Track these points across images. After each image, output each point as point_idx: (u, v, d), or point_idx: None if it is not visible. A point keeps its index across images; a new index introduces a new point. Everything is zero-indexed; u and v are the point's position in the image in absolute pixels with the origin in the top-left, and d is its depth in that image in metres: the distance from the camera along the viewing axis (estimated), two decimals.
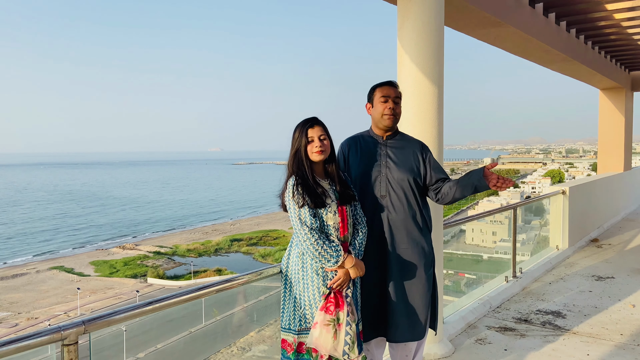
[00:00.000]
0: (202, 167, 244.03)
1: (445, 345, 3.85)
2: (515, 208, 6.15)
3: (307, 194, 2.41)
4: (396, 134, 2.88)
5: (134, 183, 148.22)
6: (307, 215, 2.39)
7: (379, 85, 2.83)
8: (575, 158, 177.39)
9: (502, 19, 5.07)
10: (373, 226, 2.71)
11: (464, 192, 2.70)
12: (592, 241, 8.07)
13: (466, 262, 6.71)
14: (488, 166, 2.60)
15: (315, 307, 2.41)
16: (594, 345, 4.00)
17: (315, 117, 2.54)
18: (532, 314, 4.74)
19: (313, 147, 2.46)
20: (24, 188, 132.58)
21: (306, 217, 2.39)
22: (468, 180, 2.67)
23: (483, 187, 2.62)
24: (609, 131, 10.86)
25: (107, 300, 43.98)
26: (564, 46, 6.92)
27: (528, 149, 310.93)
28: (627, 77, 10.67)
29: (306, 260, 2.45)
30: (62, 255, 61.55)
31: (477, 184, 2.63)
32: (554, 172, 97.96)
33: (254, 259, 58.61)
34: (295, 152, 2.48)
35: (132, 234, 73.40)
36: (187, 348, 10.86)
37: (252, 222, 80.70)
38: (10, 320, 39.85)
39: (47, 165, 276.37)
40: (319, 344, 2.34)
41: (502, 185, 2.53)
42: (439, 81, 3.62)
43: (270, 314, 3.35)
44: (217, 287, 2.54)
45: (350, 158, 2.84)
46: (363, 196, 2.74)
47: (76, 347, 1.91)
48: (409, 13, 3.59)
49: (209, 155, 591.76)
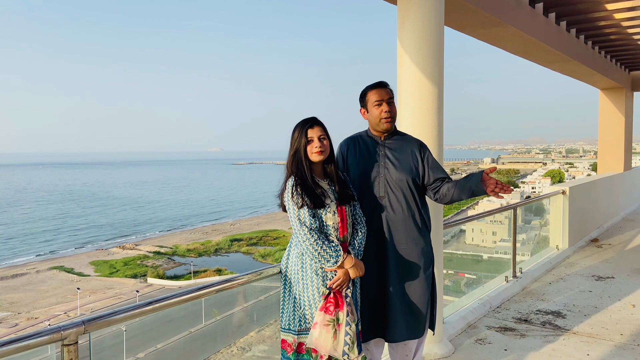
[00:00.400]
0: (202, 167, 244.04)
1: (445, 345, 3.85)
2: (515, 208, 6.15)
3: (306, 195, 2.41)
4: (395, 133, 2.87)
5: (134, 183, 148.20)
6: (306, 215, 2.39)
7: (369, 89, 2.80)
8: (575, 158, 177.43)
9: (502, 19, 5.07)
10: (372, 226, 2.71)
11: (461, 196, 2.67)
12: (592, 241, 8.07)
13: (466, 262, 6.71)
14: (487, 170, 2.57)
15: (314, 308, 2.41)
16: (594, 345, 4.00)
17: (314, 117, 2.54)
18: (532, 314, 4.74)
19: (313, 148, 2.46)
20: (23, 188, 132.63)
21: (305, 218, 2.39)
22: (466, 184, 2.64)
23: (480, 192, 2.58)
24: (609, 131, 10.85)
25: (107, 300, 43.98)
26: (564, 46, 6.92)
27: (528, 149, 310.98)
28: (627, 77, 10.67)
29: (306, 260, 2.45)
30: (62, 255, 61.57)
31: (475, 188, 2.59)
32: (554, 172, 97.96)
33: (254, 259, 58.62)
34: (295, 152, 2.47)
35: (132, 234, 73.39)
36: (187, 348, 10.87)
37: (252, 222, 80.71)
38: (10, 320, 39.85)
39: (46, 165, 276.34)
40: (318, 344, 2.34)
41: (500, 191, 2.49)
42: (439, 81, 3.62)
43: (270, 314, 3.35)
44: (217, 287, 2.54)
45: (349, 158, 2.83)
46: (362, 197, 2.73)
47: (76, 347, 1.90)
48: (409, 13, 3.59)
49: (209, 155, 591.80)
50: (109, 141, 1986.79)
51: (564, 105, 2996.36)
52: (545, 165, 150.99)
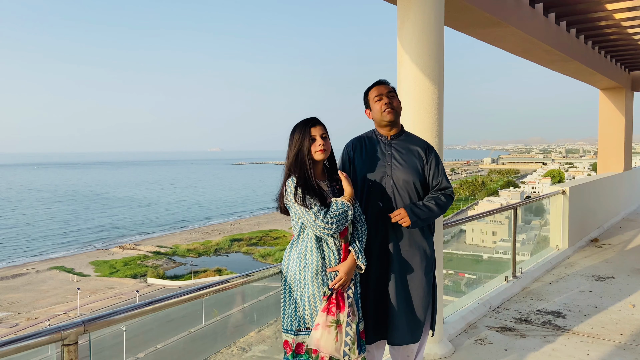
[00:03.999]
0: (202, 167, 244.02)
1: (446, 345, 3.85)
2: (515, 208, 6.15)
3: (310, 195, 2.41)
4: (401, 133, 2.85)
5: (134, 183, 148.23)
6: (316, 208, 2.38)
7: (369, 88, 2.84)
8: (576, 158, 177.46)
9: (502, 19, 5.07)
10: (377, 228, 2.70)
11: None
12: (592, 241, 8.07)
13: (466, 262, 6.71)
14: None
15: (315, 308, 2.41)
16: (594, 345, 4.00)
17: (315, 117, 2.54)
18: (532, 314, 4.74)
19: (316, 146, 2.45)
20: (24, 188, 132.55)
21: (319, 212, 2.38)
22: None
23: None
24: (609, 131, 10.85)
25: (107, 300, 43.99)
26: (564, 46, 6.92)
27: (528, 149, 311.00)
28: (627, 77, 10.67)
29: (307, 260, 2.44)
30: (62, 255, 61.56)
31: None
32: (554, 172, 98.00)
33: (254, 259, 58.62)
34: (297, 152, 2.46)
35: (132, 234, 73.40)
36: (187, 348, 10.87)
37: (252, 222, 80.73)
38: (10, 320, 39.85)
39: (46, 165, 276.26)
40: (320, 345, 2.34)
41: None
42: (439, 81, 3.62)
43: (270, 314, 3.35)
44: (217, 287, 2.54)
45: (355, 159, 2.81)
46: (368, 197, 2.72)
47: (76, 347, 1.90)
48: (409, 13, 3.59)
49: (209, 155, 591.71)
50: (109, 141, 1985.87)
51: (564, 105, 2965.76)
52: (545, 165, 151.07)
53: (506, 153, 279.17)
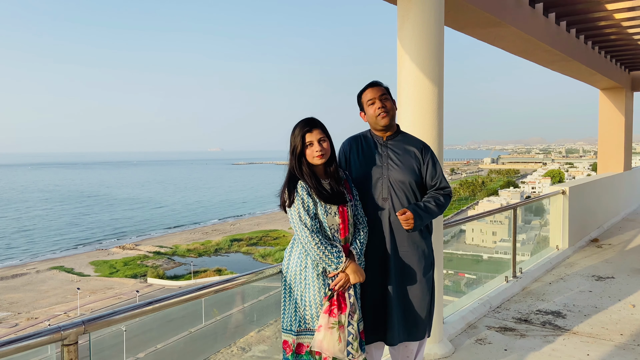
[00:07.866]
0: (202, 167, 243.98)
1: (445, 345, 3.85)
2: (515, 208, 6.14)
3: (308, 195, 2.41)
4: (397, 133, 2.84)
5: (134, 183, 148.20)
6: (307, 217, 2.38)
7: (362, 91, 2.81)
8: (575, 158, 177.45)
9: (502, 19, 5.07)
10: (374, 228, 2.70)
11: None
12: (592, 241, 8.07)
13: (466, 262, 6.72)
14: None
15: (315, 308, 2.41)
16: (594, 345, 4.00)
17: (313, 119, 2.50)
18: (532, 314, 4.74)
19: (313, 152, 2.43)
20: (25, 188, 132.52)
21: (306, 219, 2.38)
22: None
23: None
24: (609, 131, 10.85)
25: (107, 300, 43.99)
26: (564, 46, 6.92)
27: (528, 149, 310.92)
28: (627, 77, 10.66)
29: (308, 260, 2.44)
30: (62, 255, 61.56)
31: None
32: (554, 172, 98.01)
33: (254, 259, 58.61)
34: (296, 154, 2.46)
35: (132, 234, 73.39)
36: (187, 348, 10.86)
37: (252, 222, 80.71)
38: (10, 320, 39.84)
39: (46, 165, 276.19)
40: (323, 346, 2.34)
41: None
42: (439, 81, 3.62)
43: (270, 314, 3.35)
44: (217, 287, 2.54)
45: (351, 159, 2.81)
46: (365, 198, 2.71)
47: (76, 347, 1.90)
48: (409, 13, 3.59)
49: (209, 155, 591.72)
50: (109, 141, 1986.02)
51: (564, 105, 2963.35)
52: (545, 165, 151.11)
53: (506, 153, 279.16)
